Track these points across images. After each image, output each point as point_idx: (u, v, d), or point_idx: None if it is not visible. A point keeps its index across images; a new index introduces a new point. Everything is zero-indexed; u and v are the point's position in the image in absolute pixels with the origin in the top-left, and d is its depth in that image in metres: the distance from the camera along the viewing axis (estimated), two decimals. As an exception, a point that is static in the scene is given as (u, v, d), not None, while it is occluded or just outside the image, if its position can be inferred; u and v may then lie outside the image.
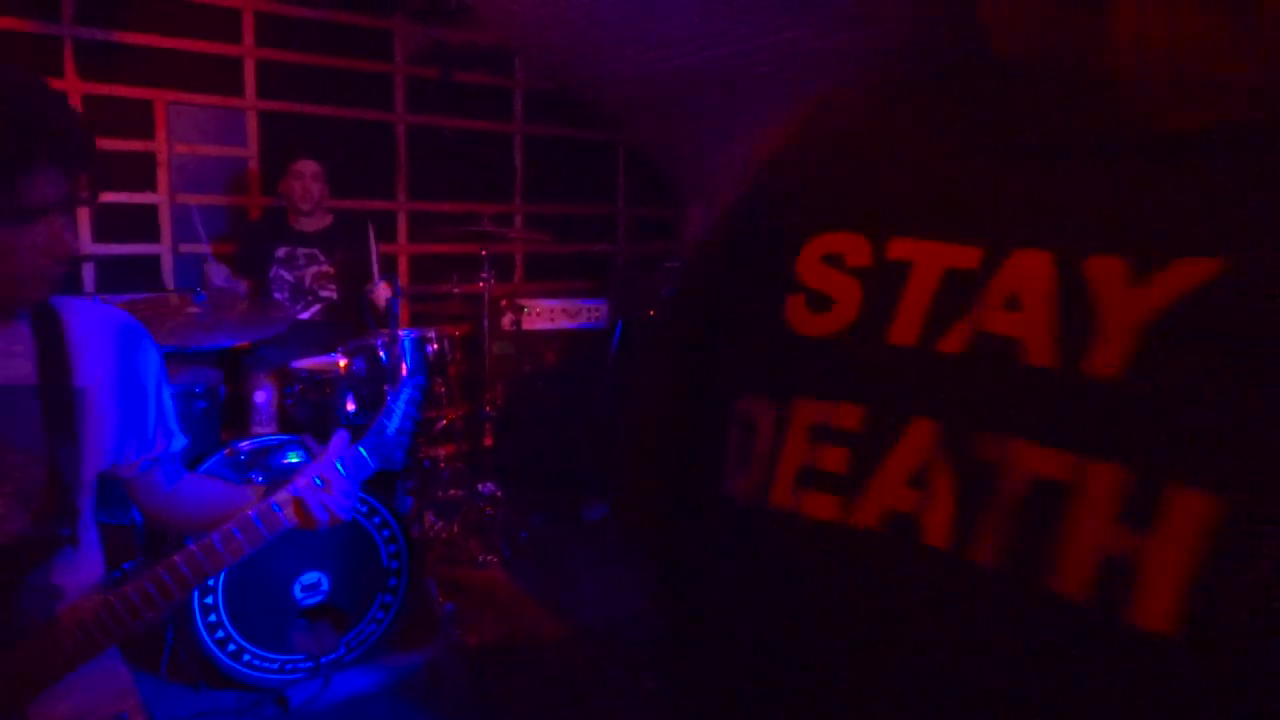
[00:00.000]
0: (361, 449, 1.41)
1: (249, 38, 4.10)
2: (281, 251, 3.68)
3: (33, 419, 1.11)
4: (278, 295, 3.64)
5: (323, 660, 2.57)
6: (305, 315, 3.70)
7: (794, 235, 0.48)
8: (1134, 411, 0.36)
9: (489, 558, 3.41)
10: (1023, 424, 0.38)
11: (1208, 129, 0.36)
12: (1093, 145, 0.39)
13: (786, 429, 0.46)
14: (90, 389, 1.17)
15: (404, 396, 1.50)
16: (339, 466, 1.35)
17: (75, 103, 3.74)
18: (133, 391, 1.24)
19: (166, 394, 1.32)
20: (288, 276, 3.69)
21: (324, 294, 3.73)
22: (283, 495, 1.31)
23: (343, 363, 3.06)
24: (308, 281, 3.71)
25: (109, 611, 1.13)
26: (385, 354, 3.32)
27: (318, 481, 1.32)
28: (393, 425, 1.46)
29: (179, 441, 1.35)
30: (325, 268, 3.73)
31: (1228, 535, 0.33)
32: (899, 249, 0.44)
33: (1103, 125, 0.38)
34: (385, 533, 2.67)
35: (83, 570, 1.18)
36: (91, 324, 1.21)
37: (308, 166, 3.63)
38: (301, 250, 3.70)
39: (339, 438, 1.37)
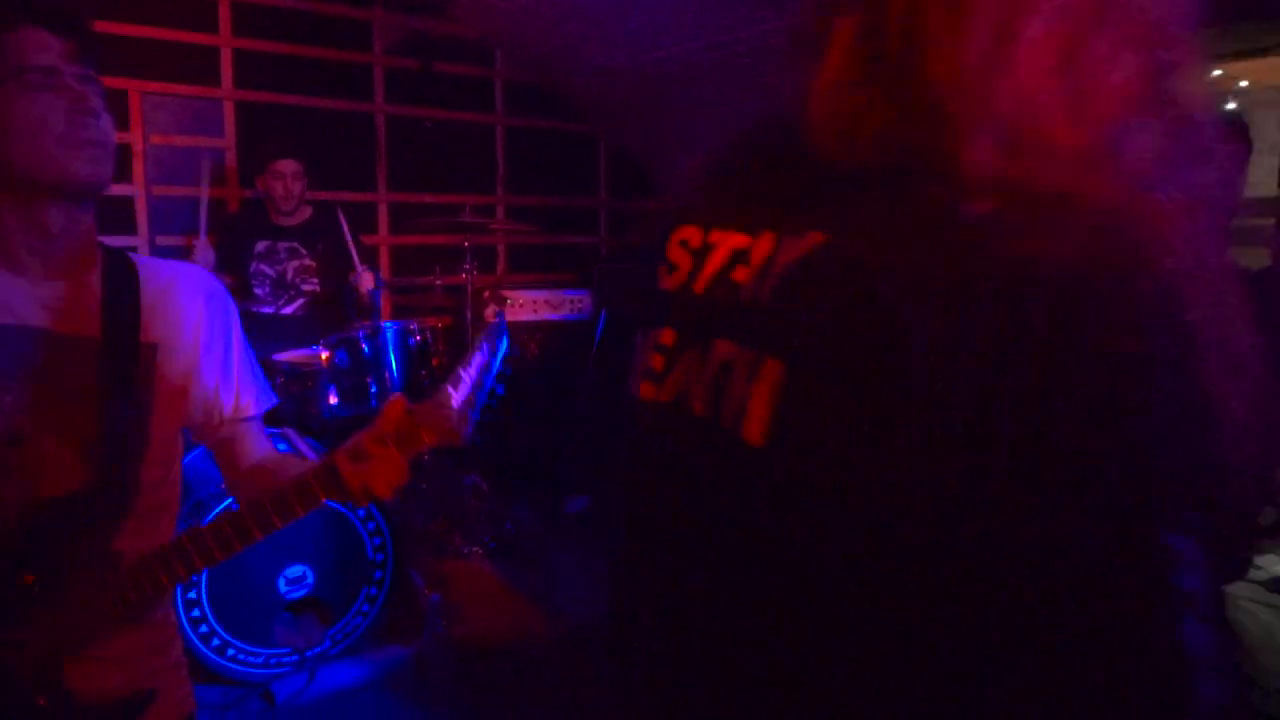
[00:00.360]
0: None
1: (225, 27, 4.06)
2: (261, 246, 3.65)
3: (92, 371, 1.09)
4: (259, 291, 3.61)
5: (308, 654, 2.57)
6: (289, 310, 3.67)
7: (669, 227, 0.76)
8: (765, 319, 0.61)
9: (473, 549, 3.41)
10: (728, 331, 0.64)
11: (853, 166, 0.60)
12: (809, 175, 0.64)
13: (646, 347, 0.73)
14: (161, 344, 1.15)
15: (477, 362, 1.28)
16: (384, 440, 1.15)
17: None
18: (211, 350, 1.22)
19: (248, 355, 1.29)
20: (269, 271, 3.66)
21: (306, 287, 3.70)
22: (319, 464, 1.15)
23: (324, 355, 3.05)
24: (289, 275, 3.68)
25: (150, 570, 1.09)
26: (368, 346, 3.31)
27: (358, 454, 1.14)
28: (459, 395, 1.23)
29: (266, 401, 1.30)
30: (307, 261, 3.70)
31: (787, 385, 0.59)
32: (713, 236, 0.69)
33: (816, 165, 0.63)
34: (370, 525, 2.67)
35: (145, 536, 1.13)
36: (169, 280, 1.20)
37: (288, 166, 3.56)
38: (282, 244, 3.67)
39: (392, 403, 1.16)
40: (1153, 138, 0.54)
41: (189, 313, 1.20)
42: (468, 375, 1.26)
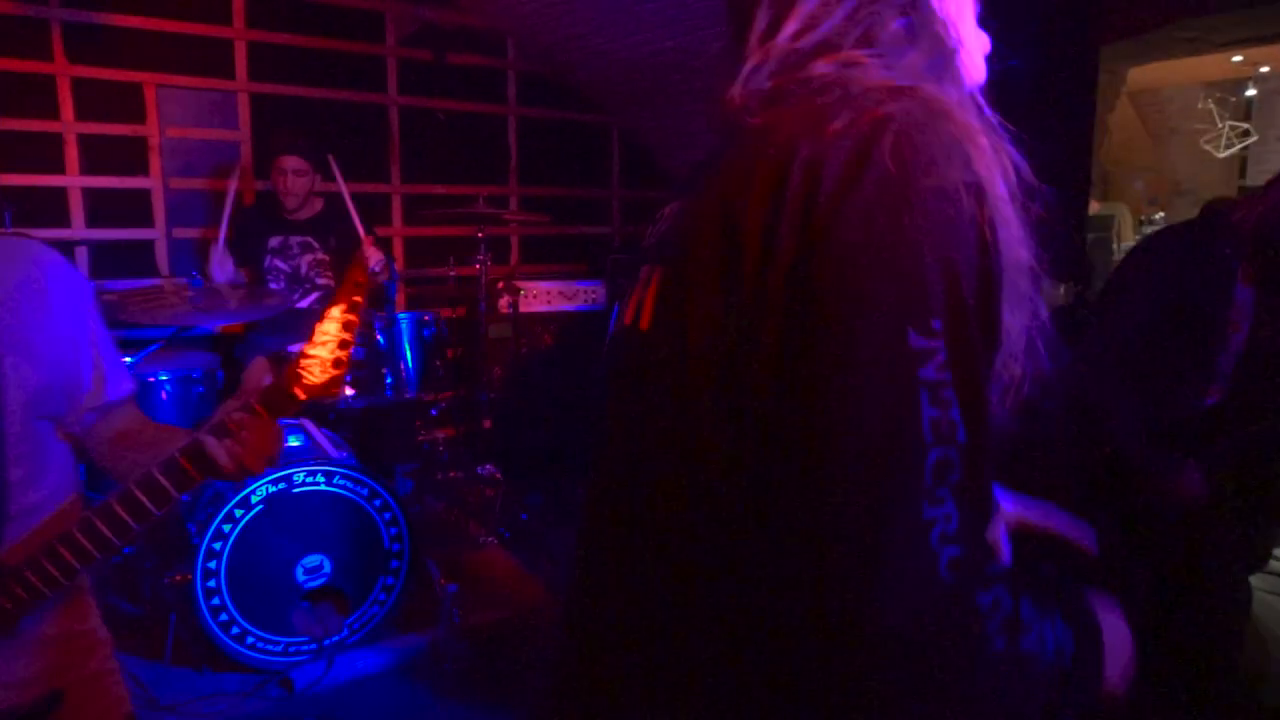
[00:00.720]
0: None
1: (239, 19, 4.07)
2: (275, 241, 3.67)
3: None
4: (274, 286, 3.63)
5: (326, 642, 2.59)
6: (304, 304, 3.68)
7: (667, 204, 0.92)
8: (660, 242, 0.81)
9: (489, 539, 3.43)
10: (650, 258, 0.81)
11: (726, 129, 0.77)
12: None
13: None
14: (8, 334, 1.07)
15: (337, 315, 1.17)
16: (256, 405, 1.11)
17: (64, 86, 3.72)
18: (67, 337, 1.13)
19: (103, 336, 1.19)
20: (283, 266, 3.68)
21: (321, 281, 3.72)
22: (186, 443, 1.09)
23: (340, 347, 3.06)
24: (304, 270, 3.70)
25: (49, 556, 1.03)
26: (383, 337, 3.32)
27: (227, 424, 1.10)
28: (329, 346, 1.16)
29: (122, 387, 1.22)
30: (320, 255, 3.71)
31: (664, 284, 0.75)
32: (670, 206, 0.85)
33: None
34: (386, 515, 2.68)
35: (34, 538, 1.07)
36: (14, 263, 1.10)
37: (289, 162, 3.55)
38: (295, 239, 3.68)
39: (255, 366, 1.11)
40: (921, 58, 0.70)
41: (39, 298, 1.11)
42: (333, 325, 1.16)
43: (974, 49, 0.78)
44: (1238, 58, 4.64)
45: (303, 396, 1.11)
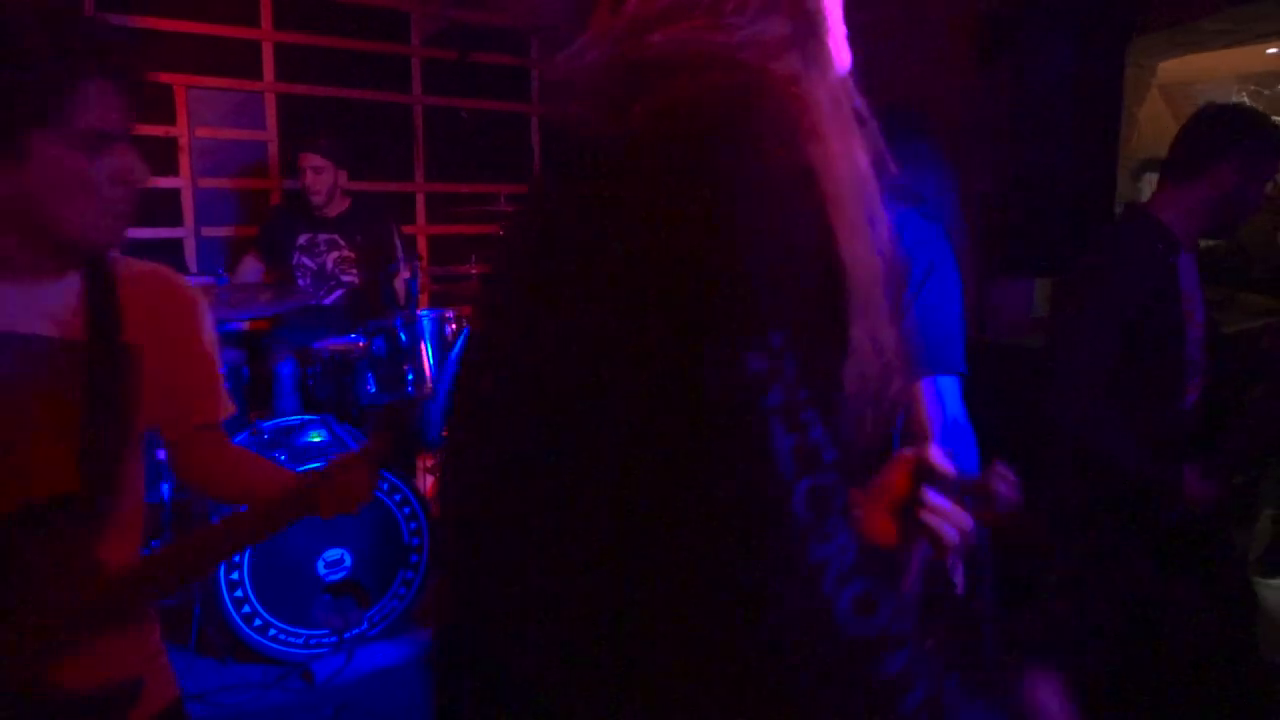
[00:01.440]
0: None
1: (267, 21, 4.12)
2: (303, 239, 3.71)
3: (81, 375, 1.08)
4: (302, 283, 3.68)
5: (346, 635, 2.62)
6: (329, 301, 3.73)
7: None
8: None
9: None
10: None
11: None
12: None
13: None
14: (139, 346, 1.15)
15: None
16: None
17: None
18: (184, 353, 1.22)
19: (218, 360, 1.29)
20: (310, 264, 3.73)
21: (346, 279, 3.76)
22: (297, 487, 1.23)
23: (363, 343, 3.10)
24: (329, 267, 3.75)
25: (137, 578, 1.12)
26: (405, 334, 3.35)
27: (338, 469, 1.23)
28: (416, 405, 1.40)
29: (227, 409, 1.31)
30: (346, 252, 3.76)
31: (488, 287, 0.74)
32: None
33: None
34: (406, 510, 2.71)
35: (118, 540, 1.14)
36: (144, 281, 1.19)
37: (310, 160, 3.59)
38: (322, 236, 3.73)
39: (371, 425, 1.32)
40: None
41: (163, 313, 1.19)
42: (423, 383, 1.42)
43: (839, 32, 0.69)
44: (1272, 50, 4.54)
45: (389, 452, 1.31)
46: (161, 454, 1.43)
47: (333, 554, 2.63)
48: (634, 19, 0.62)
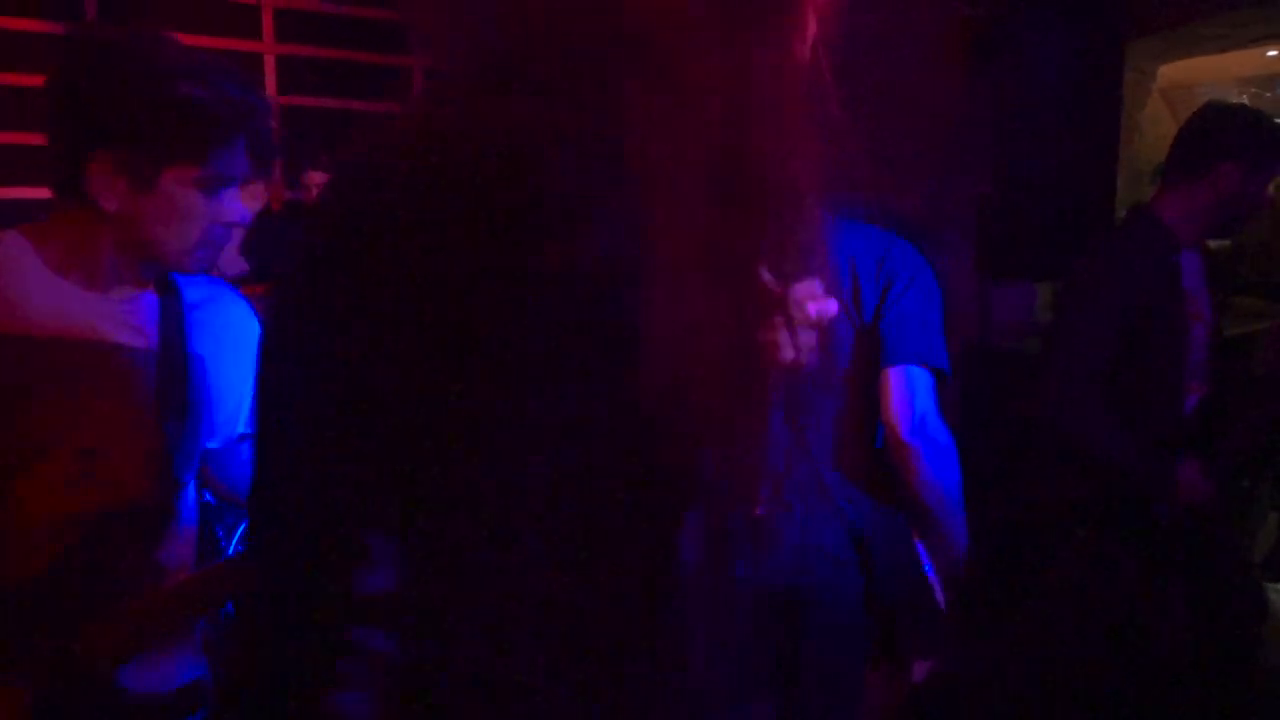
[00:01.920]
0: None
1: (269, 33, 4.15)
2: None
3: (157, 384, 1.12)
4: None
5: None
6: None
7: None
8: None
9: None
10: None
11: None
12: None
13: None
14: (202, 358, 1.19)
15: None
16: None
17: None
18: (236, 367, 1.25)
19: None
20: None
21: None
22: None
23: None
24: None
25: (201, 587, 1.14)
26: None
27: None
28: None
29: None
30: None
31: None
32: None
33: None
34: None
35: (184, 548, 1.17)
36: (205, 295, 1.24)
37: (315, 178, 3.60)
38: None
39: None
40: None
41: (222, 326, 1.24)
42: None
43: None
44: (1272, 52, 4.55)
45: None
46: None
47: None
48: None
